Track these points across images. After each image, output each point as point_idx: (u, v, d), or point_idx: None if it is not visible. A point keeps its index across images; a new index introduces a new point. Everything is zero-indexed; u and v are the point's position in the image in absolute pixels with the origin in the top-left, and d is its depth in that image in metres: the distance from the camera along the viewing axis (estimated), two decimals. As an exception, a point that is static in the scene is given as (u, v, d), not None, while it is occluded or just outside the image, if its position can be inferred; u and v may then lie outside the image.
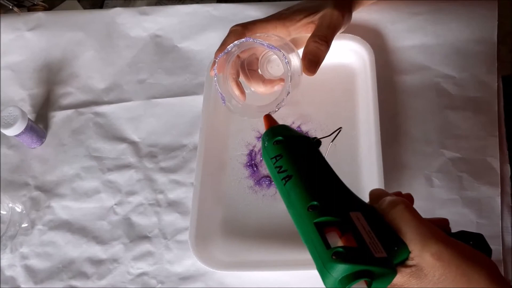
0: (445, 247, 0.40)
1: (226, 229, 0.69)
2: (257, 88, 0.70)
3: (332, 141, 0.54)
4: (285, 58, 0.63)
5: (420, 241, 0.41)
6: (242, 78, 0.69)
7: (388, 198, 0.45)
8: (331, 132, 0.54)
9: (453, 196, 0.66)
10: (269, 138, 0.51)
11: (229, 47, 0.65)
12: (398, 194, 0.48)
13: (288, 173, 0.47)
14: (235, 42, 0.65)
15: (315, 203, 0.43)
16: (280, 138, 0.50)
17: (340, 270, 0.40)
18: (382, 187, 0.64)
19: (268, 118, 0.55)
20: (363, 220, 0.43)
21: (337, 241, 0.41)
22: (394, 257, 0.42)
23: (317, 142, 0.51)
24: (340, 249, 0.40)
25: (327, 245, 0.41)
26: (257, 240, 0.68)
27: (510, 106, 0.71)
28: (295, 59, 0.66)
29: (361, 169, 0.69)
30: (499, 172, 0.66)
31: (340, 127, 0.54)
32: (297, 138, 0.51)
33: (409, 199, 0.48)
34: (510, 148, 0.68)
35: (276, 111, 0.64)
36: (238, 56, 0.67)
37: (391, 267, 0.41)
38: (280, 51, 0.63)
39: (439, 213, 0.65)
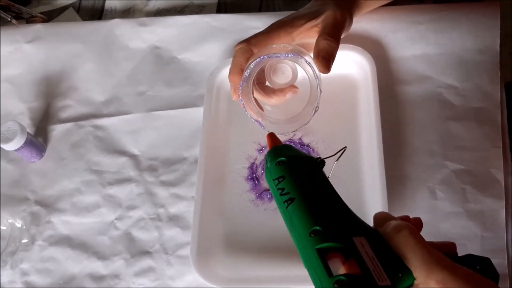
0: (450, 275, 0.39)
1: (228, 243, 0.68)
2: (269, 101, 0.69)
3: (337, 160, 0.53)
4: (306, 61, 0.63)
5: (424, 268, 0.40)
6: (256, 95, 0.68)
7: (393, 223, 0.44)
8: (335, 152, 0.53)
9: (457, 209, 0.65)
10: (272, 159, 0.50)
11: (246, 73, 0.64)
12: (406, 218, 0.48)
13: (291, 195, 0.46)
14: (251, 65, 0.64)
15: (318, 228, 0.43)
16: (283, 158, 0.49)
17: None
18: (385, 199, 0.64)
19: (272, 138, 0.54)
20: (366, 246, 0.42)
21: (339, 268, 0.41)
22: (398, 283, 0.41)
23: (320, 162, 0.50)
24: (342, 278, 0.39)
25: (329, 272, 0.40)
26: (259, 255, 0.67)
27: (513, 115, 0.70)
28: (312, 62, 0.65)
29: (363, 181, 0.68)
30: (503, 184, 0.65)
31: (345, 147, 0.53)
32: (300, 159, 0.50)
33: (418, 223, 0.48)
34: (514, 159, 0.67)
35: (316, 111, 0.64)
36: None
37: None
38: (301, 57, 0.63)
39: (443, 226, 0.65)
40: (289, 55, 0.63)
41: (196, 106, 0.79)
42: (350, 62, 0.74)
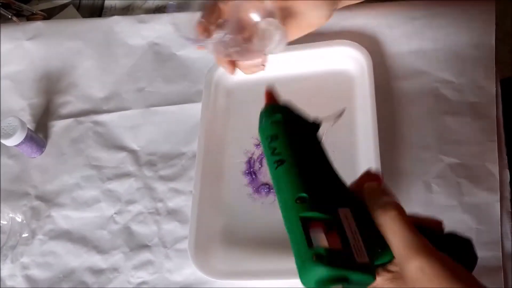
0: (429, 262, 0.39)
1: (226, 237, 0.69)
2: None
3: (332, 125, 0.51)
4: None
5: (405, 253, 0.40)
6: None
7: (381, 201, 0.43)
8: (335, 112, 0.52)
9: (452, 202, 0.66)
10: (267, 116, 0.48)
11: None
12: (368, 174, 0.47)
13: (282, 157, 0.45)
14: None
15: (304, 195, 0.42)
16: (279, 117, 0.47)
17: (318, 272, 0.38)
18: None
19: (270, 94, 0.51)
20: (350, 218, 0.42)
21: (320, 238, 0.40)
22: (377, 258, 0.41)
23: (315, 125, 0.49)
24: (322, 251, 0.39)
25: (309, 243, 0.39)
26: (256, 248, 0.67)
27: (509, 110, 0.71)
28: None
29: (359, 175, 0.68)
30: (498, 177, 0.66)
31: (345, 107, 0.52)
32: (297, 119, 0.48)
33: (377, 178, 0.47)
34: (509, 153, 0.67)
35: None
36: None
37: (371, 273, 0.40)
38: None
39: (438, 220, 0.65)
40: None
41: (195, 102, 0.79)
42: (346, 58, 0.75)
